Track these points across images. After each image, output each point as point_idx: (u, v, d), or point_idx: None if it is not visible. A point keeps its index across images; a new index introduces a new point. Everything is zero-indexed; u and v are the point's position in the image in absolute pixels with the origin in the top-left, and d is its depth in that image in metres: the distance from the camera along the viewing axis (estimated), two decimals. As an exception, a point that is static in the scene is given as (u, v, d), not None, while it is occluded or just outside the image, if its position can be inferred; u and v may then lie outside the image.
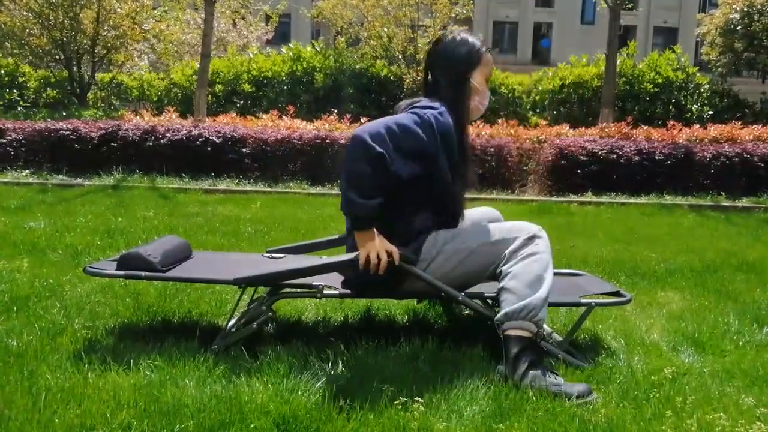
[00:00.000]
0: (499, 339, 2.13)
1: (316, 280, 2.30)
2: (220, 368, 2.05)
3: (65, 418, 1.72)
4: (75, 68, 12.85)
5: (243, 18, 19.01)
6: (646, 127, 9.18)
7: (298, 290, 2.33)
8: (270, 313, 2.30)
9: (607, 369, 2.20)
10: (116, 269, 2.34)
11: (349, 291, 2.31)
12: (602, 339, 2.59)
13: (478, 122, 9.28)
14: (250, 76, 13.73)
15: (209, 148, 8.12)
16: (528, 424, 1.79)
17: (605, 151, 7.82)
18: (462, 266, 2.25)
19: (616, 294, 2.52)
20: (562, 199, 7.38)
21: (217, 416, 1.75)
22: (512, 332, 2.10)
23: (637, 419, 1.84)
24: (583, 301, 2.36)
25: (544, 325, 2.64)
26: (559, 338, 2.43)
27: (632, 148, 7.88)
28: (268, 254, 2.79)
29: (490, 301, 2.31)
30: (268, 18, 20.41)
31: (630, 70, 13.51)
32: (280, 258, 2.74)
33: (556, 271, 2.98)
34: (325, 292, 2.26)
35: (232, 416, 1.75)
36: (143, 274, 2.32)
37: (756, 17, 14.68)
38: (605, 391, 2.03)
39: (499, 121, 9.56)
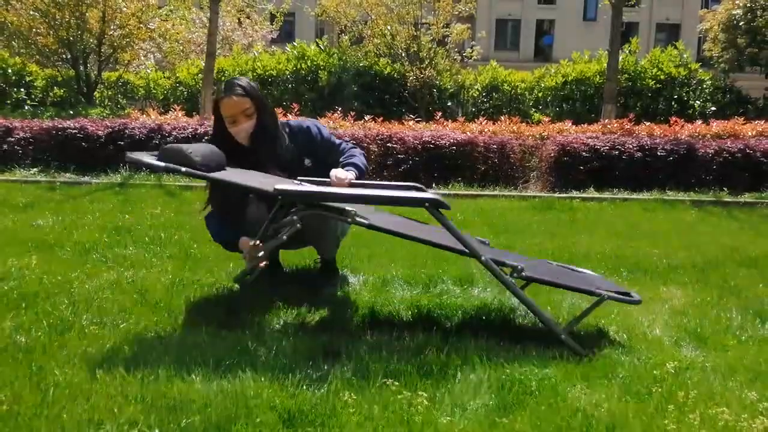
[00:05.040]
0: (502, 332, 2.15)
1: (350, 206, 2.27)
2: (226, 363, 2.08)
3: (73, 413, 1.74)
4: (81, 67, 12.85)
5: (248, 17, 19.03)
6: (648, 124, 9.13)
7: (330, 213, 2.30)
8: (298, 225, 2.25)
9: (610, 363, 2.21)
10: (158, 160, 2.30)
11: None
12: (605, 333, 2.60)
13: (481, 119, 9.27)
14: (255, 74, 13.74)
15: (214, 147, 8.12)
16: (531, 418, 1.80)
17: (607, 147, 7.81)
18: None
19: (627, 294, 2.55)
20: (565, 195, 7.38)
21: (223, 411, 1.77)
22: None
23: (640, 414, 1.85)
24: (597, 291, 2.42)
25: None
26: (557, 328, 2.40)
27: (634, 145, 7.86)
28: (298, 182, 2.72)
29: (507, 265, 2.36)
30: (273, 17, 20.41)
31: (632, 66, 13.47)
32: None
33: (568, 266, 3.01)
34: (357, 219, 2.22)
35: (238, 411, 1.77)
36: (183, 169, 2.27)
37: (759, 13, 14.64)
38: (608, 386, 2.05)
39: (502, 117, 9.55)
